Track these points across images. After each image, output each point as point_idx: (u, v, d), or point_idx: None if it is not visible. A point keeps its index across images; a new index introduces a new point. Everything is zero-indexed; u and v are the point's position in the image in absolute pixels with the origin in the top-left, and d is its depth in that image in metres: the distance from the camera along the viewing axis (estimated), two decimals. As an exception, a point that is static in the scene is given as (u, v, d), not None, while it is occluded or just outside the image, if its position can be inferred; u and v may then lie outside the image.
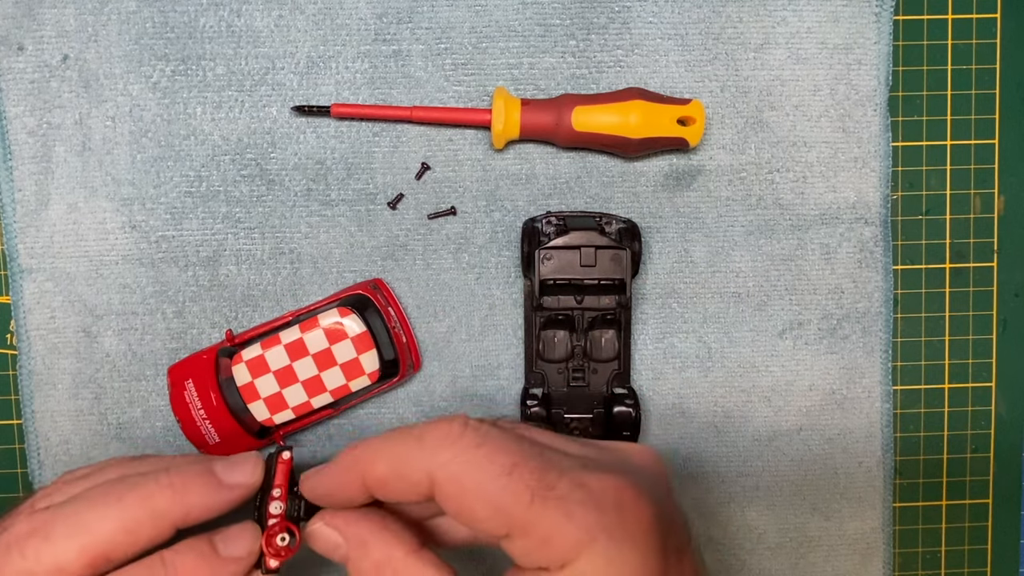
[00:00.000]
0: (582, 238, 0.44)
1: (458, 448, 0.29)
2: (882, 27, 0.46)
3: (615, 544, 0.28)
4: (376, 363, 0.43)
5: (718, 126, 0.46)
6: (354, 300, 0.43)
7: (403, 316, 0.45)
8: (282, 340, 0.43)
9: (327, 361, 0.43)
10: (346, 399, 0.44)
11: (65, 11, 0.44)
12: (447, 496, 0.29)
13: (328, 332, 0.43)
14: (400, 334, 0.44)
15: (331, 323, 0.43)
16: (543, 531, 0.28)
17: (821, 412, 0.47)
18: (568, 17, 0.45)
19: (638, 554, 0.28)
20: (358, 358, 0.43)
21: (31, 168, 0.44)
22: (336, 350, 0.43)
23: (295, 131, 0.45)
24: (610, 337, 0.45)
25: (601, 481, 0.29)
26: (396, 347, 0.43)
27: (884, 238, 0.47)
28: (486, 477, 0.28)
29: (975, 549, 0.49)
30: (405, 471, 0.30)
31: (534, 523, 0.28)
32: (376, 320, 0.43)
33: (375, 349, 0.43)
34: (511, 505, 0.28)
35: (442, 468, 0.29)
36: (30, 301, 0.45)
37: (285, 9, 0.44)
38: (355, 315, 0.43)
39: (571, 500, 0.28)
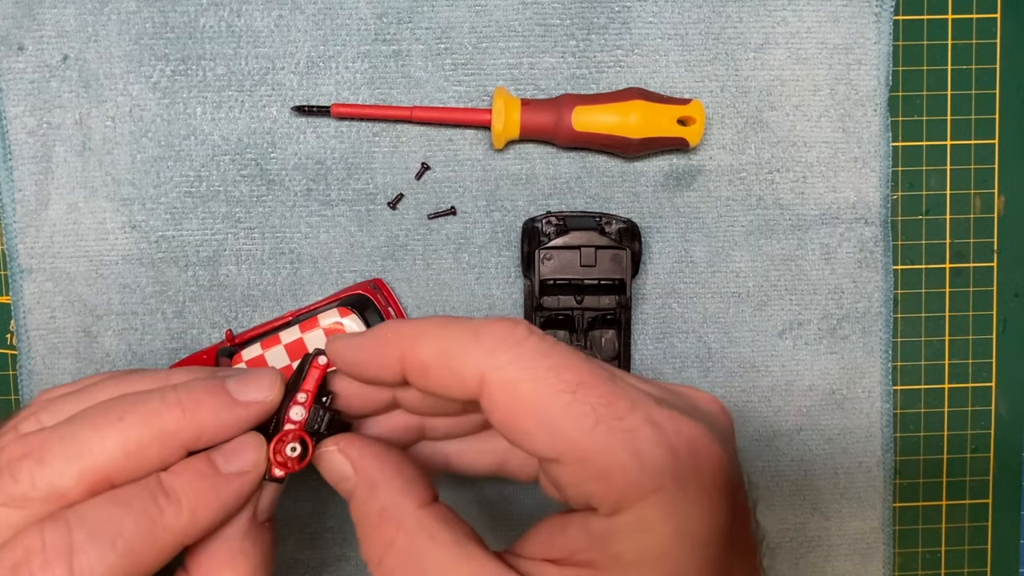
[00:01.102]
0: (582, 238, 0.44)
1: (519, 352, 0.26)
2: (882, 27, 0.46)
3: (684, 496, 0.24)
4: None
5: (718, 126, 0.46)
6: (354, 300, 0.43)
7: (403, 316, 0.45)
8: (282, 340, 0.43)
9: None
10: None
11: (65, 11, 0.44)
12: (496, 404, 0.26)
13: (328, 332, 0.43)
14: None
15: (331, 323, 0.43)
16: (602, 464, 0.24)
17: (821, 412, 0.47)
18: (568, 17, 0.45)
19: (707, 511, 0.25)
20: None
21: (31, 168, 0.44)
22: None
23: (295, 131, 0.45)
24: (610, 337, 0.45)
25: (675, 422, 0.25)
26: None
27: (884, 238, 0.47)
28: (547, 391, 0.25)
29: (975, 549, 0.49)
30: (454, 363, 0.26)
31: (593, 453, 0.24)
32: (376, 320, 0.43)
33: None
34: (570, 427, 0.25)
35: (498, 371, 0.26)
36: (30, 301, 0.45)
37: (285, 9, 0.44)
38: (355, 315, 0.43)
39: (641, 436, 0.25)
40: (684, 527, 0.24)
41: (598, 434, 0.24)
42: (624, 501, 0.24)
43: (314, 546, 0.46)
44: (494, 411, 0.26)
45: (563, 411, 0.25)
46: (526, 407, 0.25)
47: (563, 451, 0.25)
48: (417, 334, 0.27)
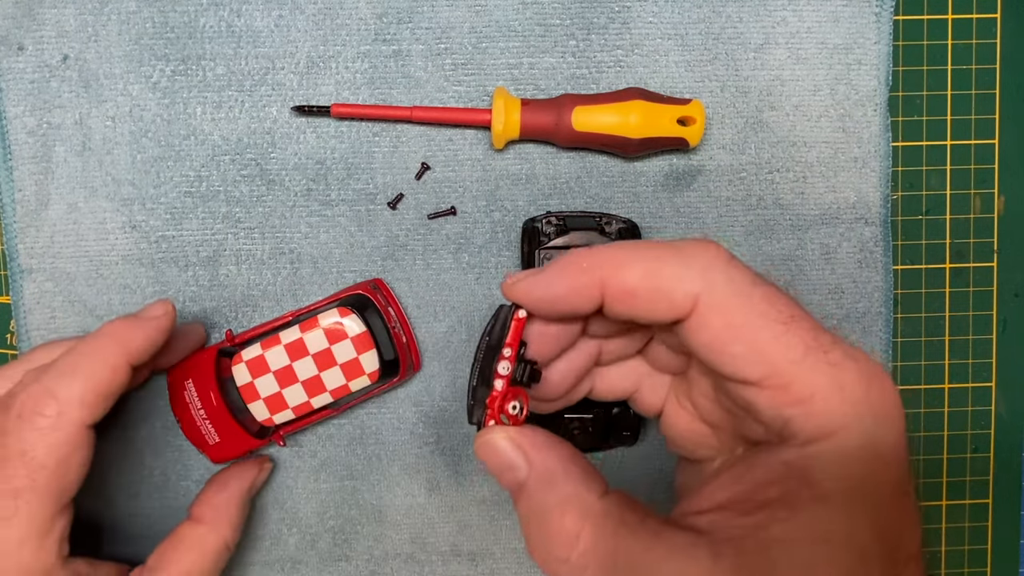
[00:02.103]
0: (582, 238, 0.44)
1: (730, 276, 0.26)
2: (882, 27, 0.46)
3: (880, 427, 0.25)
4: (376, 363, 0.43)
5: (718, 126, 0.46)
6: (354, 300, 0.43)
7: (403, 316, 0.45)
8: (282, 340, 0.43)
9: (327, 361, 0.43)
10: (346, 399, 0.44)
11: (65, 11, 0.44)
12: (707, 326, 0.26)
13: (328, 332, 0.42)
14: (400, 334, 0.44)
15: (331, 323, 0.42)
16: (805, 391, 0.25)
17: (821, 412, 0.47)
18: (568, 17, 0.45)
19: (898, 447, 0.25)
20: (358, 358, 0.43)
21: (31, 168, 0.44)
22: (336, 350, 0.42)
23: (295, 131, 0.45)
24: (610, 337, 0.45)
25: (869, 364, 0.26)
26: (396, 347, 0.43)
27: (884, 238, 0.47)
28: (761, 319, 0.26)
29: (975, 549, 0.49)
30: (666, 285, 0.26)
31: (799, 380, 0.25)
32: (376, 320, 0.43)
33: (375, 349, 0.43)
34: (780, 355, 0.25)
35: (712, 293, 0.26)
36: (30, 301, 0.45)
37: (285, 9, 0.44)
38: (355, 315, 0.42)
39: (844, 369, 0.25)
40: (879, 455, 0.25)
41: (806, 364, 0.25)
42: (826, 428, 0.25)
43: (314, 546, 0.46)
44: (702, 332, 0.26)
45: (776, 339, 0.25)
46: (739, 331, 0.26)
47: (769, 375, 0.25)
48: (620, 259, 0.27)
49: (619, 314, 0.28)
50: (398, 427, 0.46)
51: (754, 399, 0.26)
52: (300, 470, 0.46)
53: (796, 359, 0.25)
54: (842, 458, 0.25)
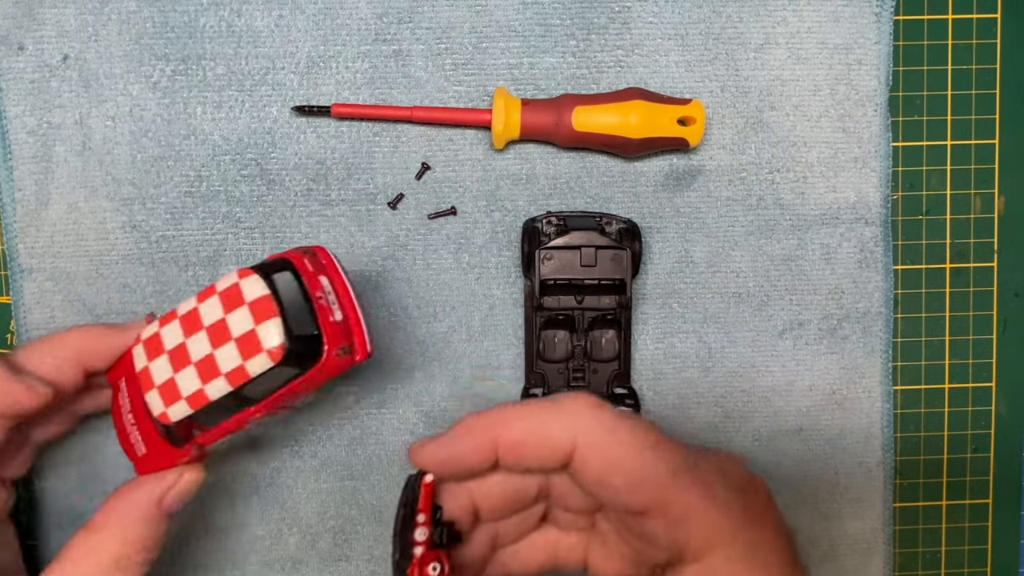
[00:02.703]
0: (582, 238, 0.44)
1: (600, 418, 0.29)
2: (882, 27, 0.46)
3: (758, 530, 0.28)
4: (279, 336, 0.33)
5: (718, 126, 0.46)
6: (267, 264, 0.36)
7: (346, 288, 0.36)
8: (178, 312, 0.36)
9: (221, 334, 0.34)
10: (251, 389, 0.35)
11: (65, 11, 0.44)
12: (587, 463, 0.29)
13: (224, 297, 0.34)
14: (330, 308, 0.35)
15: (228, 285, 0.35)
16: (682, 509, 0.27)
17: (821, 412, 0.47)
18: (568, 17, 0.45)
19: (780, 538, 0.28)
20: (255, 329, 0.33)
21: (31, 168, 0.44)
22: (232, 320, 0.34)
23: (295, 131, 0.45)
24: (610, 337, 0.45)
25: (734, 464, 0.29)
26: (319, 322, 0.34)
27: (884, 238, 0.47)
28: (631, 449, 0.28)
29: (975, 549, 0.49)
30: (546, 434, 0.29)
31: (675, 500, 0.28)
32: (291, 285, 0.35)
33: (279, 318, 0.34)
34: (654, 478, 0.28)
35: (586, 434, 0.29)
36: (30, 301, 0.45)
37: (285, 9, 0.44)
38: (257, 276, 0.35)
39: (712, 482, 0.28)
40: (766, 549, 0.27)
41: (678, 483, 0.28)
42: (710, 540, 0.27)
43: (314, 546, 0.46)
44: (585, 471, 0.29)
45: (648, 465, 0.28)
46: (616, 464, 0.28)
47: (648, 502, 0.28)
48: (507, 416, 0.30)
49: (512, 465, 0.31)
50: (398, 427, 0.46)
51: (648, 528, 0.28)
52: (300, 470, 0.46)
53: (669, 478, 0.28)
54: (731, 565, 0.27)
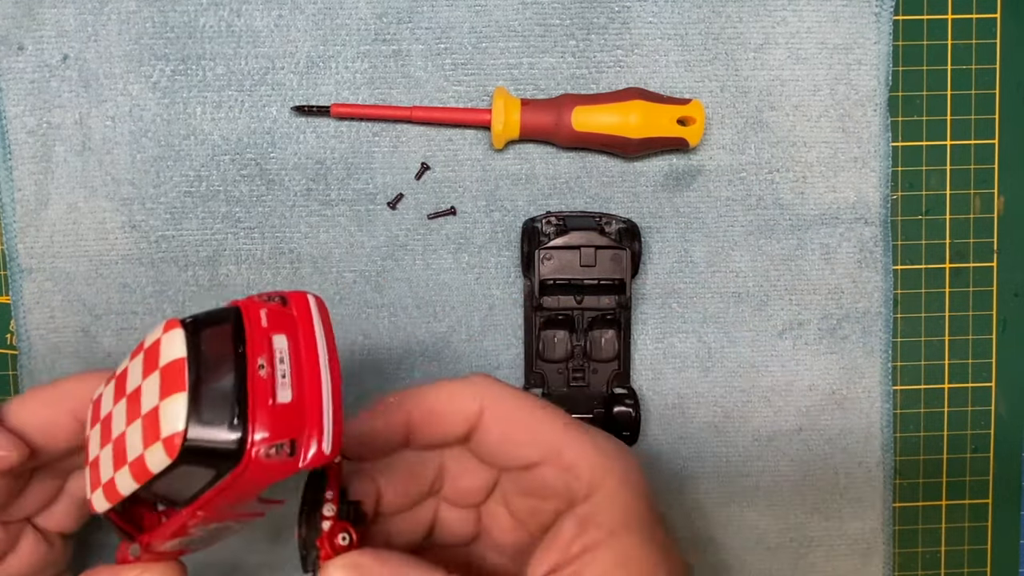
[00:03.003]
0: (582, 238, 0.44)
1: (499, 388, 0.34)
2: (882, 27, 0.46)
3: (630, 469, 0.33)
4: (180, 421, 0.24)
5: (718, 126, 0.46)
6: (206, 314, 0.27)
7: (315, 355, 0.26)
8: (117, 370, 0.28)
9: (135, 408, 0.26)
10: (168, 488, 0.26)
11: (65, 11, 0.44)
12: (493, 423, 0.33)
13: (147, 355, 0.26)
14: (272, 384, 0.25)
15: (152, 340, 0.26)
16: (572, 455, 0.32)
17: (821, 412, 0.47)
18: (568, 17, 0.45)
19: (642, 479, 0.33)
20: (159, 406, 0.25)
21: (31, 168, 0.44)
22: (145, 388, 0.26)
23: (295, 131, 0.45)
24: (610, 337, 0.45)
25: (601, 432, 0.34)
26: (244, 402, 0.24)
27: (884, 238, 0.47)
28: (529, 407, 0.33)
29: (975, 549, 0.49)
30: (456, 403, 0.33)
31: (566, 448, 0.32)
32: (222, 347, 0.25)
33: (184, 394, 0.24)
34: (549, 431, 0.33)
35: (492, 399, 0.33)
36: (30, 301, 0.45)
37: (285, 9, 0.44)
38: (180, 330, 0.26)
39: (593, 432, 0.33)
40: (636, 487, 0.32)
41: (569, 433, 0.33)
42: (595, 481, 0.32)
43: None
44: (492, 432, 0.33)
45: (543, 420, 0.33)
46: (518, 423, 0.33)
47: (546, 452, 0.33)
48: (419, 393, 0.34)
49: (424, 436, 0.34)
50: (398, 427, 0.46)
51: (543, 477, 0.33)
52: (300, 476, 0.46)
53: (560, 432, 0.33)
54: (614, 500, 0.32)
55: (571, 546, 0.31)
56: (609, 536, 0.31)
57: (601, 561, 0.31)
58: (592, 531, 0.31)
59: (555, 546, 0.32)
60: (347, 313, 0.46)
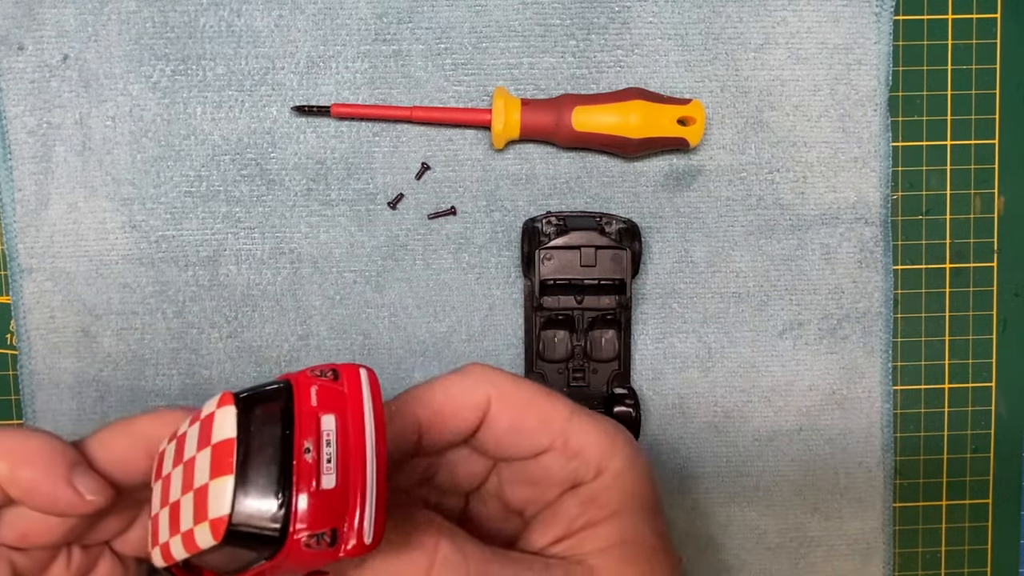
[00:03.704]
0: (582, 238, 0.44)
1: (504, 375, 0.33)
2: (882, 27, 0.46)
3: (632, 448, 0.33)
4: (226, 505, 0.24)
5: (718, 126, 0.46)
6: (260, 389, 0.26)
7: (362, 438, 0.25)
8: (178, 431, 0.28)
9: (189, 478, 0.26)
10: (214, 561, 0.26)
11: (65, 11, 0.44)
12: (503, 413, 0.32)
13: (201, 427, 0.26)
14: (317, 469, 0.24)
15: (207, 412, 0.26)
16: (579, 441, 0.32)
17: (821, 412, 0.47)
18: (568, 17, 0.45)
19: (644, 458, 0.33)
20: (208, 485, 0.25)
21: (31, 168, 0.44)
22: (199, 462, 0.26)
23: (295, 131, 0.45)
24: (610, 337, 0.45)
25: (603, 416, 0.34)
26: (289, 489, 0.24)
27: (884, 238, 0.47)
28: (534, 394, 0.33)
29: (975, 549, 0.49)
30: (463, 397, 0.32)
31: (573, 433, 0.32)
32: (271, 428, 0.25)
33: (231, 477, 0.24)
34: (555, 418, 0.32)
35: (499, 387, 0.32)
36: (30, 301, 0.45)
37: (285, 9, 0.44)
38: (233, 408, 0.26)
39: (597, 416, 0.33)
40: (639, 469, 0.33)
41: (574, 420, 0.33)
42: (601, 464, 0.32)
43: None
44: (501, 420, 0.32)
45: (549, 406, 0.33)
46: (526, 410, 0.32)
47: (555, 437, 0.32)
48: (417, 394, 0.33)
49: (435, 437, 0.33)
50: (398, 427, 0.46)
51: (547, 465, 0.33)
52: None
53: (567, 416, 0.33)
54: (620, 481, 0.32)
55: (574, 522, 0.32)
56: (612, 515, 0.32)
57: (602, 537, 0.32)
58: (595, 509, 0.32)
59: (557, 521, 0.32)
60: (347, 313, 0.46)
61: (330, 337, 0.46)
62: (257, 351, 0.45)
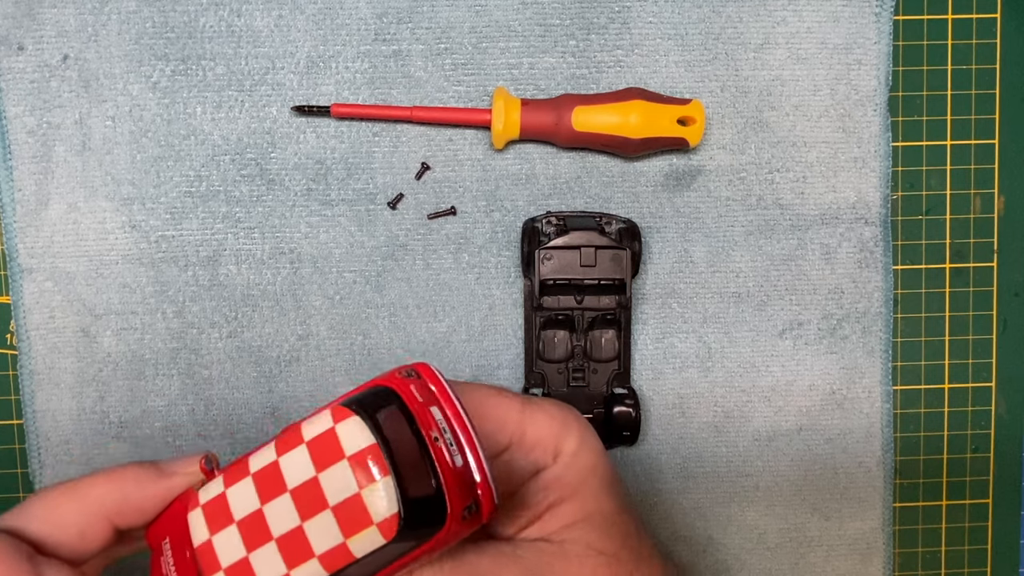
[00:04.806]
0: (582, 238, 0.44)
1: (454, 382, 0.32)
2: (882, 27, 0.46)
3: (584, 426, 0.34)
4: (394, 503, 0.26)
5: (718, 126, 0.46)
6: (364, 398, 0.28)
7: (462, 418, 0.28)
8: (251, 467, 0.28)
9: (313, 501, 0.26)
10: (351, 571, 0.27)
11: (65, 11, 0.44)
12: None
13: (314, 448, 0.26)
14: (449, 452, 0.27)
15: (319, 432, 0.27)
16: (534, 434, 0.33)
17: (821, 412, 0.47)
18: (568, 17, 0.45)
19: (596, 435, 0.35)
20: (360, 494, 0.26)
21: (31, 168, 0.44)
22: (326, 480, 0.26)
23: (295, 131, 0.45)
24: (610, 337, 0.45)
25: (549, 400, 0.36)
26: (439, 475, 0.26)
27: (884, 238, 0.47)
28: (484, 396, 0.33)
29: (975, 549, 0.49)
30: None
31: (526, 425, 0.33)
32: (400, 427, 0.26)
33: (390, 478, 0.26)
34: (508, 415, 0.33)
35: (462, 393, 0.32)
36: (30, 301, 0.45)
37: (285, 9, 0.44)
38: (358, 418, 0.27)
39: (544, 405, 0.34)
40: (591, 445, 0.34)
41: (526, 413, 0.34)
42: (558, 448, 0.34)
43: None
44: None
45: (502, 405, 0.33)
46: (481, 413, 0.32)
47: (512, 435, 0.33)
48: None
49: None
50: (398, 427, 0.46)
51: (510, 462, 0.33)
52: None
53: (519, 411, 0.33)
54: (576, 460, 0.34)
55: (539, 506, 0.33)
56: (573, 493, 0.33)
57: (567, 514, 0.33)
58: (557, 490, 0.33)
59: (523, 509, 0.34)
60: (347, 313, 0.46)
61: (330, 337, 0.46)
62: (257, 351, 0.45)
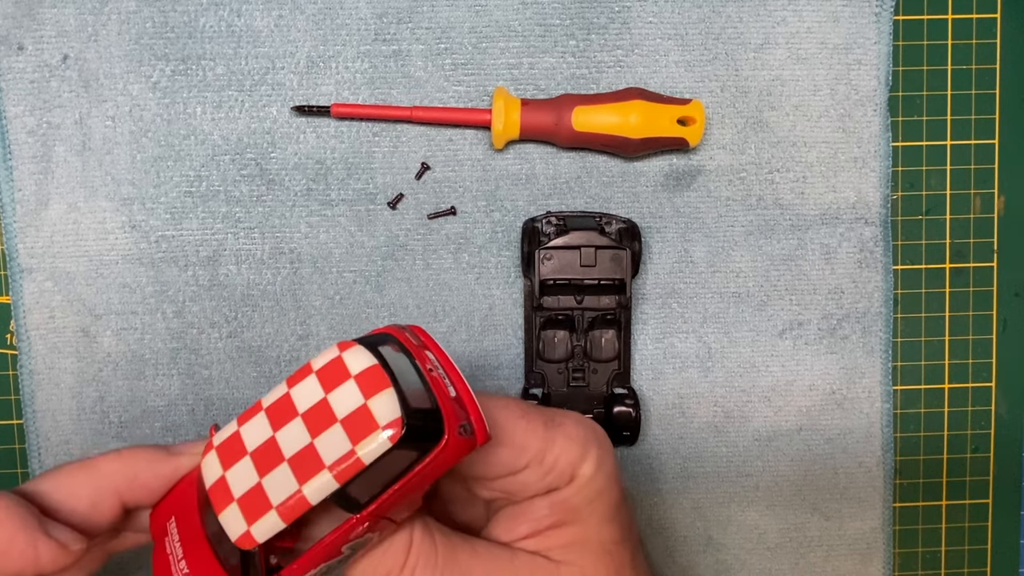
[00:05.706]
0: (582, 238, 0.44)
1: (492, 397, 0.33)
2: (882, 27, 0.46)
3: (602, 450, 0.34)
4: (396, 409, 0.28)
5: (718, 126, 0.46)
6: (367, 337, 0.31)
7: (452, 364, 0.31)
8: (263, 404, 0.30)
9: (322, 419, 0.28)
10: (360, 488, 0.28)
11: (65, 11, 0.44)
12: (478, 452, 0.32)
13: (323, 374, 0.29)
14: (443, 382, 0.30)
15: (327, 361, 0.29)
16: (554, 456, 0.33)
17: (821, 412, 0.47)
18: (568, 17, 0.45)
19: (612, 457, 0.35)
20: (366, 404, 0.28)
21: (31, 168, 0.44)
22: (335, 399, 0.29)
23: (295, 131, 0.45)
24: (610, 337, 0.45)
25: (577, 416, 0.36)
26: (435, 396, 0.29)
27: (884, 238, 0.47)
28: (511, 416, 0.33)
29: (975, 549, 0.49)
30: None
31: (547, 449, 0.33)
32: (397, 357, 0.30)
33: (391, 388, 0.28)
34: (531, 437, 0.33)
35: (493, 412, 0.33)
36: (30, 301, 0.45)
37: (285, 9, 0.44)
38: (361, 347, 0.30)
39: (568, 427, 0.34)
40: (607, 470, 0.34)
41: (549, 434, 0.33)
42: (572, 472, 0.33)
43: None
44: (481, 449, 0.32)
45: (526, 428, 0.33)
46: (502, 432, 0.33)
47: (529, 457, 0.33)
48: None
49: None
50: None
51: (524, 479, 0.33)
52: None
53: (542, 434, 0.33)
54: (589, 485, 0.34)
55: (541, 521, 0.34)
56: (576, 517, 0.34)
57: (568, 536, 0.33)
58: (564, 512, 0.34)
59: (524, 520, 0.34)
60: (347, 313, 0.46)
61: (330, 337, 0.46)
62: (257, 351, 0.45)
